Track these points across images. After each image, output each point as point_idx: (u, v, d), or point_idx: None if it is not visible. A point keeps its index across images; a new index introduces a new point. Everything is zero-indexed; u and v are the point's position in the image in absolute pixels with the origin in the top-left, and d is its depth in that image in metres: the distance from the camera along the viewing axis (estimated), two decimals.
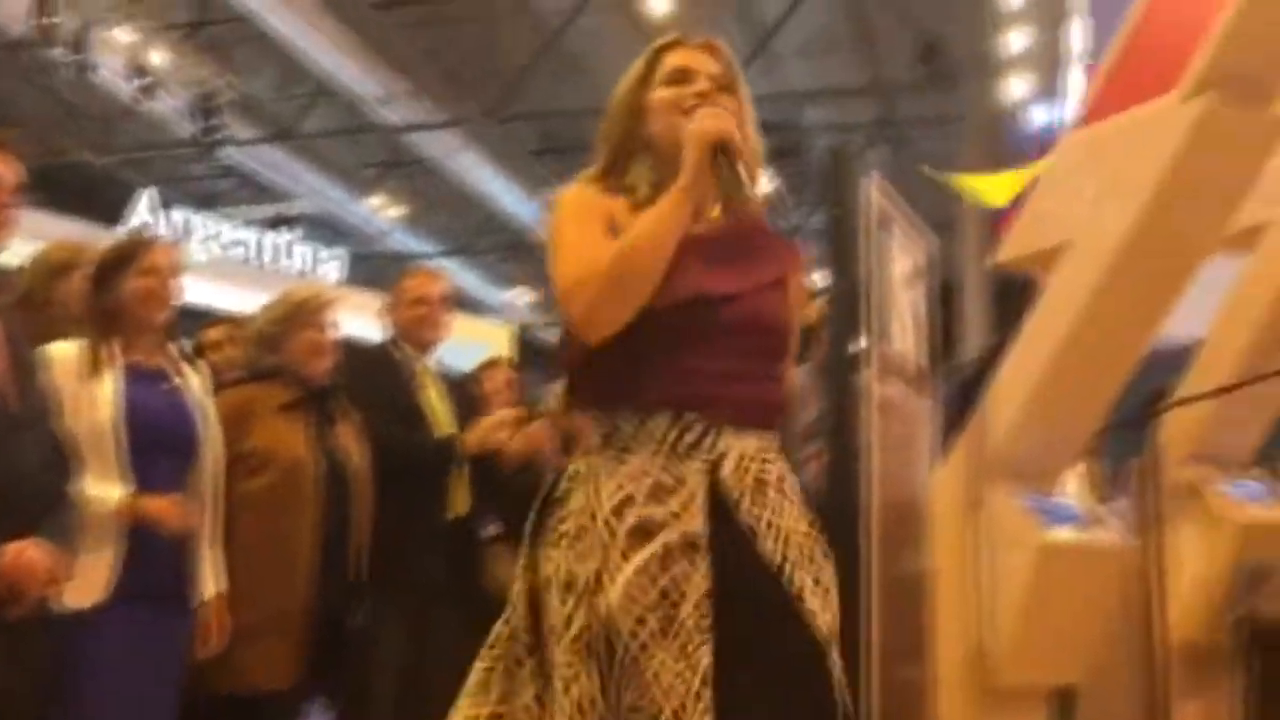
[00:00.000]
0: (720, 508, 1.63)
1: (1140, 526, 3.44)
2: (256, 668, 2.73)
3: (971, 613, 3.16)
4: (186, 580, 2.59)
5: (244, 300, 5.51)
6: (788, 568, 1.62)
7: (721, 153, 1.64)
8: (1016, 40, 10.22)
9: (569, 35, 12.04)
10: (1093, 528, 3.49)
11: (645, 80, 1.78)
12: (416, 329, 3.40)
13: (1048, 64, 9.89)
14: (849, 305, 3.66)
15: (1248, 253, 3.79)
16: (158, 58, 11.12)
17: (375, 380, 3.28)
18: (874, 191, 3.57)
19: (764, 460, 1.70)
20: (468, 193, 14.33)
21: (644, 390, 1.67)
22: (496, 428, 3.30)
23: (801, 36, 12.12)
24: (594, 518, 1.62)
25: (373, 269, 13.76)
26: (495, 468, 3.30)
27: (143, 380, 2.56)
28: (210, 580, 2.64)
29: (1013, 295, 4.40)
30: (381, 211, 15.33)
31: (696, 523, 1.61)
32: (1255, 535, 3.69)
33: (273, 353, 2.99)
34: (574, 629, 1.59)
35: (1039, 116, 10.07)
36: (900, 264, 3.78)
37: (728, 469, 1.66)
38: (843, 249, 3.90)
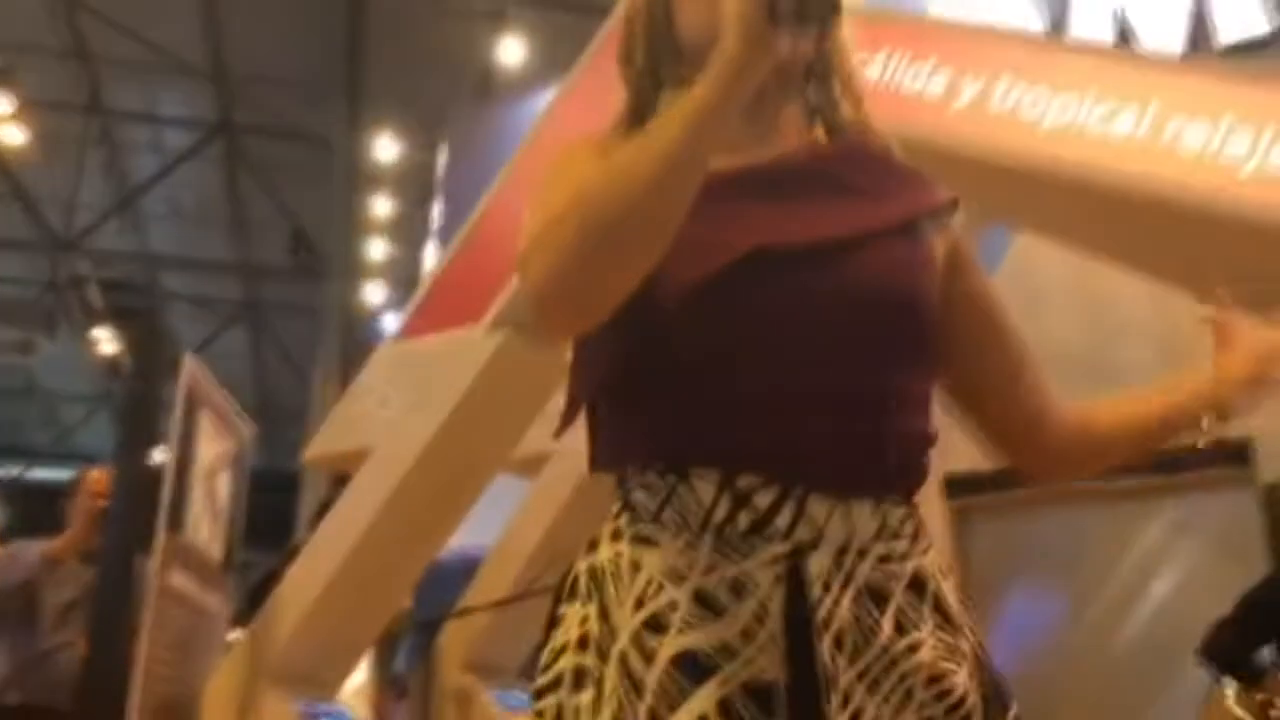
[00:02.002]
0: (805, 636, 0.96)
1: None
2: None
3: None
4: None
5: None
6: None
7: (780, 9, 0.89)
8: (378, 250, 10.78)
9: None
10: None
11: None
12: None
13: (406, 278, 10.49)
14: (142, 484, 3.42)
15: (533, 477, 4.18)
16: None
17: None
18: (190, 369, 3.46)
19: (887, 551, 1.02)
20: None
21: (669, 433, 1.02)
22: None
23: (172, 202, 11.75)
24: (601, 652, 0.98)
25: None
26: None
27: None
28: None
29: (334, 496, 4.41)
30: None
31: (770, 659, 0.96)
32: None
33: None
34: None
35: (390, 324, 10.61)
36: (208, 449, 3.66)
37: (820, 566, 0.98)
38: (141, 425, 3.68)
